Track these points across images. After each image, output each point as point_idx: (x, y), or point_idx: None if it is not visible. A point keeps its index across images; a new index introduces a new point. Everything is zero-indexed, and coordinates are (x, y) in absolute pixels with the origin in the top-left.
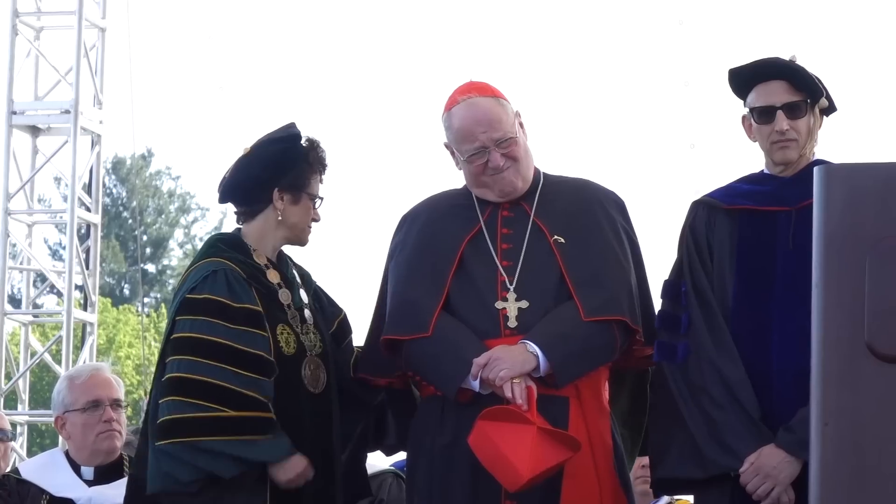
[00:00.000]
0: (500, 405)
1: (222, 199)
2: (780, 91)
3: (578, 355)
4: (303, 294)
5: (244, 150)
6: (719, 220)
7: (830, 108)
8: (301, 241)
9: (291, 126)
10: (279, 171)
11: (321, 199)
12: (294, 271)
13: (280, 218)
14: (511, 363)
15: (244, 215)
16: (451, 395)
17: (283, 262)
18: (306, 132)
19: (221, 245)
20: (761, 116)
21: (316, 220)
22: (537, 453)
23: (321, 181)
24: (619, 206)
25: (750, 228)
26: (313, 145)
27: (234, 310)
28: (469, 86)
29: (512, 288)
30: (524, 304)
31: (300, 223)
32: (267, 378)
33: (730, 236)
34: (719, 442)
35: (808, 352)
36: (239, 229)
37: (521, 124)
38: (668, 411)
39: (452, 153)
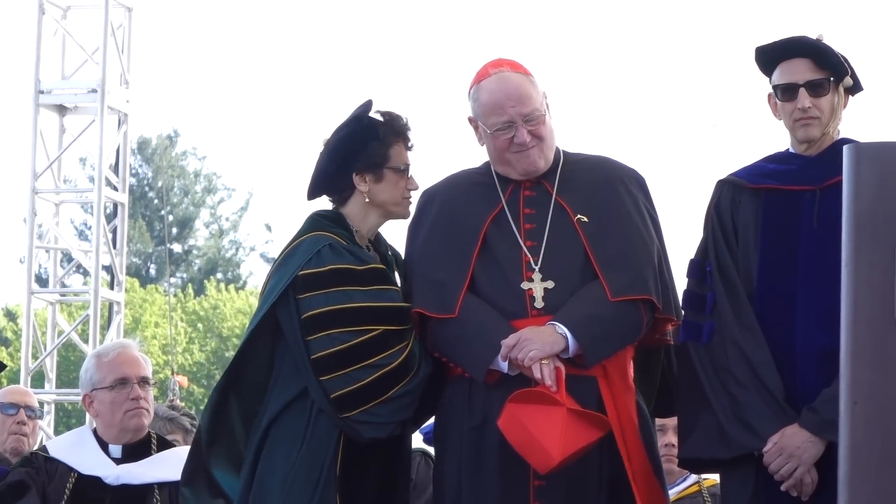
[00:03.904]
0: (529, 388)
1: (310, 197)
2: (804, 69)
3: (607, 335)
4: (396, 276)
5: (323, 142)
6: (744, 199)
7: (856, 88)
8: (400, 214)
9: (361, 105)
10: (350, 157)
11: (408, 166)
12: (390, 252)
13: (367, 200)
14: (540, 344)
15: (337, 202)
16: (480, 377)
17: (381, 244)
18: (379, 106)
19: (324, 220)
20: (784, 94)
21: (412, 188)
22: (568, 435)
23: (408, 149)
24: (640, 182)
25: (775, 208)
26: (387, 118)
27: (362, 272)
28: (500, 60)
29: (537, 268)
30: (550, 284)
31: (390, 199)
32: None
33: (755, 216)
34: (742, 422)
35: (833, 332)
36: (337, 208)
37: (547, 105)
38: (694, 391)
39: (476, 127)
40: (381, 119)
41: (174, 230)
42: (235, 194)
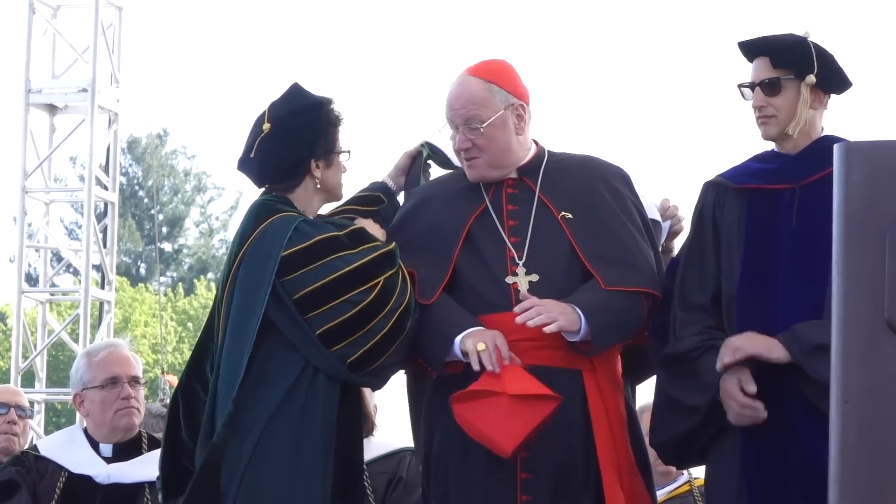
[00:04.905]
0: (467, 389)
1: (262, 184)
2: (762, 67)
3: (614, 325)
4: None
5: (265, 129)
6: (729, 199)
7: (831, 85)
8: (338, 198)
9: (300, 90)
10: (311, 144)
11: (348, 152)
12: None
13: (319, 186)
14: (564, 313)
15: (282, 189)
16: (438, 367)
17: None
18: (313, 90)
19: (279, 204)
20: (747, 93)
21: (344, 171)
22: (515, 421)
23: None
24: (625, 179)
25: (757, 207)
26: (328, 104)
27: (347, 236)
28: (477, 65)
29: (521, 263)
30: (534, 277)
31: (336, 183)
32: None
33: (738, 216)
34: (694, 385)
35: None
36: (280, 194)
37: (519, 116)
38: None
39: None
40: (326, 108)
41: (164, 229)
42: (225, 193)
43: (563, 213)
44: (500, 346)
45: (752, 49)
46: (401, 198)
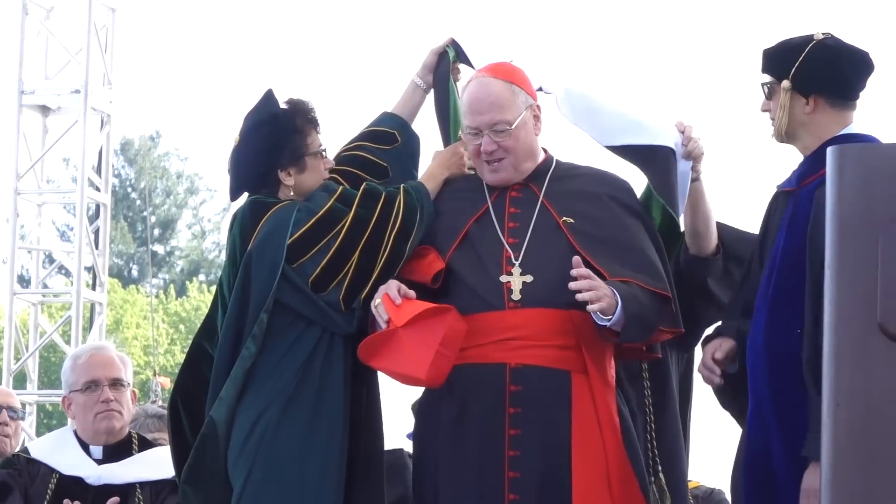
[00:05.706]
0: (364, 341)
1: (235, 197)
2: None
3: (643, 319)
4: None
5: (234, 140)
6: (779, 203)
7: (815, 87)
8: None
9: (269, 100)
10: (274, 155)
11: (325, 149)
12: None
13: (293, 193)
14: (608, 296)
15: (264, 196)
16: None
17: None
18: (285, 95)
19: (271, 200)
20: None
21: (329, 167)
22: (417, 348)
23: (318, 133)
24: (630, 192)
25: (787, 210)
26: (297, 107)
27: (338, 201)
28: (492, 66)
29: (517, 263)
30: (529, 278)
31: (315, 183)
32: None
33: (781, 219)
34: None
35: (792, 333)
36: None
37: (536, 117)
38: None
39: None
40: (290, 109)
41: (156, 231)
42: (218, 195)
43: (564, 217)
44: (388, 292)
45: None
46: (430, 98)
